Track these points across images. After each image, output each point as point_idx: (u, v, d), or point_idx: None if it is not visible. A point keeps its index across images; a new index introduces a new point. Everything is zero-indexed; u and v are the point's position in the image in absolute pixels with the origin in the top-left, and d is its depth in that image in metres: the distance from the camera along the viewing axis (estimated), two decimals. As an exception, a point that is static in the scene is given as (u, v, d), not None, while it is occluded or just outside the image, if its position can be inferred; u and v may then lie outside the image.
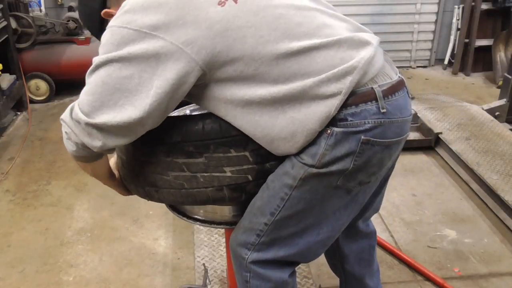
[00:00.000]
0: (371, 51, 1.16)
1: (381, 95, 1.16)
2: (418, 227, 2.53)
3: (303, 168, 1.18)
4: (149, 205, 2.71)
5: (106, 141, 1.13)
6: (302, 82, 1.12)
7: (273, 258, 1.32)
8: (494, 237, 2.45)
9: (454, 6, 4.78)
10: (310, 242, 1.30)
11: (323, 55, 1.14)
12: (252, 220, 1.30)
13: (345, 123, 1.14)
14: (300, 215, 1.26)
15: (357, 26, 1.28)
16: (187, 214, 1.49)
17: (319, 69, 1.13)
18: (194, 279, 2.16)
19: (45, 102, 4.18)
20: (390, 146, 1.22)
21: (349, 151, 1.16)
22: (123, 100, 1.10)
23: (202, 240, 2.39)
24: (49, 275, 2.24)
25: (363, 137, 1.15)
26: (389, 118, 1.18)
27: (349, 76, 1.12)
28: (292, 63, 1.13)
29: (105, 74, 1.11)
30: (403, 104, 1.23)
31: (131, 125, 1.11)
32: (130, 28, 1.10)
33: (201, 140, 1.20)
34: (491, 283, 2.16)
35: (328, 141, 1.15)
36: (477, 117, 3.42)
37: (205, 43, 1.09)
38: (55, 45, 4.12)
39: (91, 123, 1.10)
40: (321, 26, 1.17)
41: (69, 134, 1.17)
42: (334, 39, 1.15)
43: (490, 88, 4.56)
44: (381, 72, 1.21)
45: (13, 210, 2.72)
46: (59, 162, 3.22)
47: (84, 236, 2.50)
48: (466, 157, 2.92)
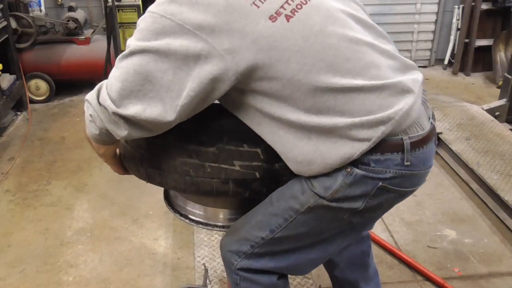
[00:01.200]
0: (411, 100, 1.13)
1: (408, 148, 1.13)
2: (418, 227, 2.53)
3: (313, 198, 1.17)
4: (149, 205, 2.71)
5: (131, 132, 1.10)
6: (335, 119, 1.09)
7: (262, 268, 1.33)
8: (494, 237, 2.45)
9: (454, 6, 4.78)
10: (300, 259, 1.32)
11: (362, 98, 1.10)
12: (249, 232, 1.29)
13: (367, 168, 1.13)
14: (300, 236, 1.26)
15: (403, 63, 1.22)
16: (187, 216, 1.48)
17: (355, 111, 1.09)
18: (194, 279, 2.16)
19: (45, 102, 4.18)
20: (405, 194, 1.22)
21: (364, 193, 1.15)
22: (153, 93, 1.05)
23: (202, 240, 2.39)
24: (49, 275, 2.24)
25: (381, 183, 1.14)
26: (411, 170, 1.16)
27: (382, 126, 1.09)
28: (329, 98, 1.09)
29: (138, 63, 1.04)
30: (429, 156, 1.21)
31: (159, 122, 1.08)
32: (173, 20, 1.03)
33: (216, 130, 1.20)
34: (491, 283, 2.16)
35: (346, 179, 1.13)
36: (477, 117, 3.42)
37: (248, 55, 1.04)
38: (55, 45, 4.12)
39: (119, 113, 1.06)
40: (369, 65, 1.12)
41: (94, 117, 1.12)
42: (377, 83, 1.11)
43: (490, 88, 4.56)
44: (416, 122, 1.17)
45: (13, 210, 2.72)
46: (59, 162, 3.22)
47: (84, 236, 2.50)
48: (466, 157, 2.92)
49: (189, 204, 1.47)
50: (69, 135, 3.60)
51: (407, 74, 1.20)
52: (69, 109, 4.09)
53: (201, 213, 1.46)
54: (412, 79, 1.18)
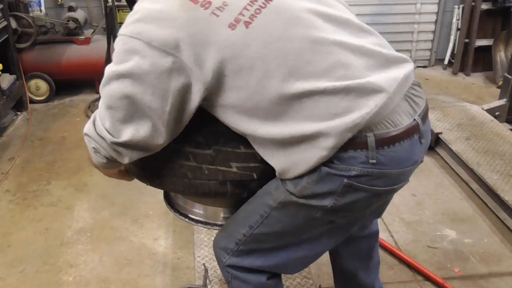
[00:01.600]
0: (382, 101, 1.08)
1: (373, 146, 1.08)
2: (418, 227, 2.53)
3: (284, 194, 1.17)
4: (149, 205, 2.71)
5: (132, 156, 1.17)
6: (302, 126, 1.08)
7: (249, 266, 1.33)
8: (494, 237, 2.45)
9: (454, 6, 4.78)
10: (287, 258, 1.31)
11: (327, 101, 1.07)
12: (233, 228, 1.31)
13: (332, 165, 1.10)
14: (278, 234, 1.26)
15: (384, 59, 1.16)
16: (187, 215, 1.48)
17: (320, 115, 1.07)
18: (194, 279, 2.16)
19: (45, 102, 4.18)
20: (379, 194, 1.16)
21: (331, 191, 1.12)
22: (139, 113, 1.10)
23: (202, 240, 2.39)
24: (49, 275, 2.24)
25: (346, 180, 1.10)
26: (380, 169, 1.11)
27: (349, 134, 1.06)
28: (295, 104, 1.07)
29: (117, 89, 1.09)
30: (405, 155, 1.14)
31: (153, 143, 1.13)
32: (140, 39, 1.06)
33: (212, 132, 1.20)
34: (491, 283, 2.16)
35: (312, 176, 1.12)
36: (477, 117, 3.42)
37: (213, 65, 1.06)
38: (55, 45, 4.12)
39: (117, 142, 1.13)
40: (334, 65, 1.09)
41: (98, 149, 1.19)
42: (341, 84, 1.07)
43: (490, 88, 4.56)
44: (387, 118, 1.11)
45: (13, 210, 2.72)
46: (59, 162, 3.22)
47: (84, 236, 2.50)
48: (466, 157, 2.92)
49: (189, 203, 1.47)
50: (69, 135, 3.60)
51: (386, 70, 1.14)
52: (69, 109, 4.09)
53: (201, 212, 1.46)
54: (388, 77, 1.12)
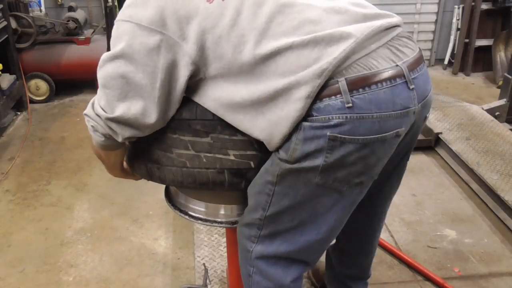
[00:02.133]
0: (349, 44, 1.09)
1: (345, 89, 1.08)
2: (418, 227, 2.53)
3: (278, 165, 1.18)
4: (149, 205, 2.71)
5: (124, 133, 1.22)
6: (276, 82, 1.11)
7: (275, 252, 1.32)
8: (494, 237, 2.45)
9: (454, 6, 4.78)
10: (310, 240, 1.30)
11: (297, 55, 1.10)
12: (250, 216, 1.32)
13: (311, 118, 1.11)
14: (291, 211, 1.26)
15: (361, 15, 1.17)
16: (187, 212, 1.48)
17: (292, 69, 1.10)
18: (194, 279, 2.16)
19: (45, 102, 4.18)
20: (369, 144, 1.14)
21: (318, 147, 1.12)
22: (132, 93, 1.17)
23: (202, 240, 2.39)
24: (49, 275, 2.24)
25: (329, 133, 1.10)
26: (358, 113, 1.09)
27: (318, 79, 1.08)
28: (270, 63, 1.12)
29: (111, 70, 1.17)
30: (386, 97, 1.12)
31: (144, 122, 1.19)
32: (132, 21, 1.16)
33: (209, 120, 1.22)
34: (491, 283, 2.16)
35: (297, 135, 1.13)
36: (477, 117, 3.42)
37: (197, 38, 1.14)
38: (55, 45, 4.12)
39: (109, 117, 1.19)
40: (303, 23, 1.13)
41: (96, 127, 1.24)
42: (310, 36, 1.10)
43: (490, 88, 4.56)
44: (358, 62, 1.11)
45: (13, 210, 2.72)
46: (59, 162, 3.22)
47: (84, 236, 2.50)
48: (466, 157, 2.92)
49: (189, 201, 1.48)
50: (69, 135, 3.61)
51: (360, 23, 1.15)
52: (69, 109, 4.09)
53: (201, 210, 1.46)
54: (361, 25, 1.13)
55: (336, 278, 1.84)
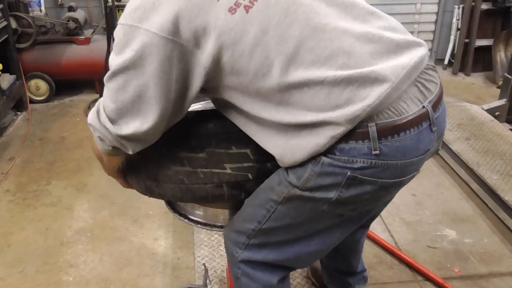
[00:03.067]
0: (385, 92, 1.03)
1: (375, 136, 1.04)
2: (418, 227, 2.53)
3: (287, 188, 1.15)
4: (149, 205, 2.71)
5: (135, 148, 1.17)
6: (302, 115, 1.06)
7: (262, 260, 1.32)
8: (494, 237, 2.45)
9: (454, 6, 4.78)
10: (300, 251, 1.30)
11: (327, 92, 1.03)
12: (242, 224, 1.30)
13: (333, 156, 1.07)
14: (288, 228, 1.24)
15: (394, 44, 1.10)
16: (187, 216, 1.48)
17: (321, 106, 1.04)
18: (194, 279, 2.16)
19: (45, 102, 4.18)
20: (387, 187, 1.12)
21: (335, 183, 1.09)
22: (145, 106, 1.09)
23: (202, 240, 2.39)
24: (49, 275, 2.24)
25: (349, 173, 1.06)
26: (384, 160, 1.06)
27: (349, 125, 1.03)
28: (295, 93, 1.05)
29: (122, 82, 1.08)
30: (411, 144, 1.08)
31: (156, 129, 1.12)
32: (141, 27, 1.04)
33: (204, 135, 1.20)
34: (491, 283, 2.16)
35: (314, 168, 1.09)
36: (477, 117, 3.42)
37: (213, 50, 1.04)
38: (55, 45, 4.12)
39: (121, 134, 1.12)
40: (336, 53, 1.04)
41: (103, 138, 1.17)
42: (344, 74, 1.03)
43: (490, 88, 4.56)
44: (390, 107, 1.06)
45: (13, 210, 2.72)
46: (59, 162, 3.22)
47: (84, 236, 2.50)
48: (466, 157, 2.92)
49: (189, 204, 1.47)
50: (69, 135, 3.60)
51: (394, 57, 1.08)
52: (69, 109, 4.09)
53: (201, 214, 1.46)
54: (395, 65, 1.06)
55: (333, 277, 1.84)
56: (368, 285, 2.03)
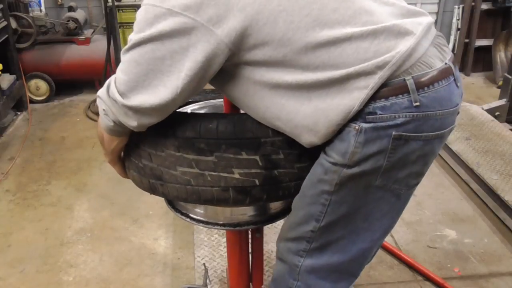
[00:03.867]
0: (411, 42, 1.08)
1: (413, 88, 1.08)
2: (418, 227, 2.53)
3: (336, 173, 1.14)
4: (149, 205, 2.71)
5: (141, 121, 1.16)
6: (331, 73, 1.07)
7: (327, 264, 1.27)
8: (494, 237, 2.45)
9: (454, 6, 4.78)
10: (363, 248, 1.27)
11: (355, 47, 1.07)
12: (299, 229, 1.26)
13: (374, 117, 1.08)
14: (346, 218, 1.22)
15: (406, 9, 1.18)
16: (188, 214, 1.48)
17: (349, 62, 1.07)
18: (194, 279, 2.17)
19: (45, 102, 4.18)
20: (430, 141, 1.15)
21: (381, 148, 1.10)
22: (157, 81, 1.11)
23: (202, 240, 2.39)
24: (49, 275, 2.24)
25: (394, 132, 1.08)
26: (424, 111, 1.10)
27: (380, 71, 1.06)
28: (322, 53, 1.07)
29: (138, 55, 1.10)
30: (445, 95, 1.13)
31: (164, 106, 1.13)
32: (163, 7, 1.07)
33: (214, 139, 1.19)
34: (491, 283, 2.16)
35: (357, 138, 1.09)
36: (477, 117, 3.42)
37: (236, 25, 1.06)
38: (55, 45, 4.12)
39: (127, 105, 1.12)
40: (359, 12, 1.09)
41: (107, 111, 1.19)
42: (369, 29, 1.07)
43: (490, 88, 4.57)
44: (421, 61, 1.11)
45: (13, 210, 2.72)
46: (59, 162, 3.22)
47: (84, 236, 2.50)
48: (466, 157, 2.92)
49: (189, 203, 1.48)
50: (69, 135, 3.61)
51: (408, 18, 1.15)
52: (69, 109, 4.09)
53: (201, 212, 1.46)
54: (413, 21, 1.13)
55: None
56: (368, 285, 2.04)
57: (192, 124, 1.20)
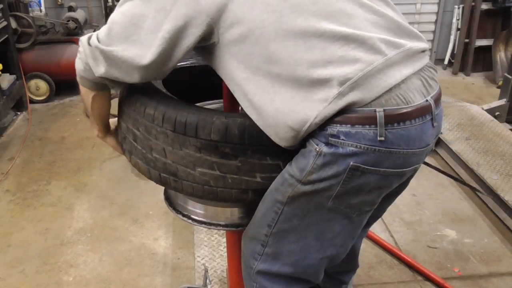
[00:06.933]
0: (378, 63, 1.04)
1: (382, 121, 1.04)
2: (418, 227, 2.53)
3: (291, 187, 1.14)
4: (149, 205, 2.71)
5: (108, 70, 1.16)
6: (295, 69, 1.05)
7: (278, 272, 1.30)
8: (494, 237, 2.45)
9: (454, 6, 4.78)
10: (314, 264, 1.28)
11: (323, 47, 1.04)
12: (255, 230, 1.30)
13: (336, 141, 1.06)
14: (297, 231, 1.23)
15: (396, 25, 1.13)
16: (189, 216, 1.48)
17: (313, 60, 1.04)
18: (194, 279, 2.16)
19: (45, 102, 4.18)
20: (388, 177, 1.12)
21: (336, 174, 1.08)
22: (135, 36, 1.12)
23: (202, 240, 2.39)
24: (49, 275, 2.24)
25: (352, 162, 1.06)
26: (388, 148, 1.06)
27: (339, 87, 1.03)
28: (290, 44, 1.05)
29: (127, 8, 1.14)
30: (415, 134, 1.09)
31: (135, 64, 1.13)
32: None
33: (240, 144, 1.17)
34: (491, 283, 2.16)
35: (316, 160, 1.09)
36: (477, 117, 3.42)
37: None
38: (55, 45, 4.12)
39: (100, 47, 1.14)
40: (338, 12, 1.07)
41: (81, 52, 1.21)
42: (343, 31, 1.04)
43: (490, 88, 4.57)
44: (398, 94, 1.07)
45: (13, 210, 2.72)
46: (59, 162, 3.22)
47: (84, 236, 2.50)
48: (466, 157, 2.92)
49: (190, 203, 1.47)
50: (69, 135, 3.61)
51: (393, 35, 1.11)
52: (69, 109, 4.09)
53: (201, 212, 1.46)
54: (393, 42, 1.09)
55: (330, 278, 1.83)
56: (368, 285, 2.04)
57: (218, 127, 1.16)
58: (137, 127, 1.27)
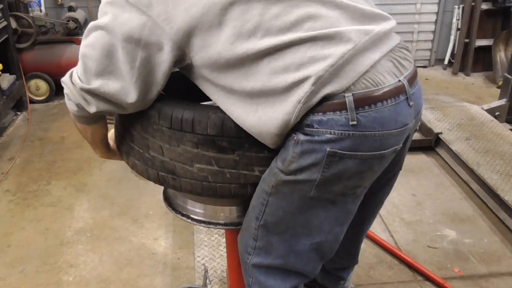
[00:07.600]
0: (347, 52, 1.06)
1: (352, 106, 1.05)
2: (418, 227, 2.53)
3: (274, 176, 1.16)
4: (149, 205, 2.71)
5: (100, 106, 1.18)
6: (271, 80, 1.07)
7: (272, 265, 1.31)
8: (494, 237, 2.45)
9: (454, 6, 4.79)
10: (305, 252, 1.29)
11: (293, 52, 1.06)
12: (247, 223, 1.31)
13: (311, 130, 1.08)
14: (284, 222, 1.24)
15: (360, 13, 1.14)
16: (188, 215, 1.48)
17: (286, 66, 1.06)
18: (194, 279, 2.16)
19: (45, 102, 4.18)
20: (367, 160, 1.12)
21: (316, 162, 1.10)
22: (111, 67, 1.13)
23: (202, 240, 2.39)
24: (49, 275, 2.24)
25: (328, 148, 1.07)
26: (361, 131, 1.07)
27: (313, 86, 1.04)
28: (264, 60, 1.08)
29: (93, 39, 1.14)
30: (389, 115, 1.10)
31: (121, 99, 1.15)
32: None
33: (237, 137, 1.17)
34: (491, 283, 2.16)
35: (295, 149, 1.10)
36: (477, 117, 3.42)
37: (182, 25, 1.09)
38: (55, 45, 4.12)
39: (84, 87, 1.16)
40: (302, 18, 1.08)
41: (69, 95, 1.24)
42: (309, 35, 1.06)
43: (490, 88, 4.57)
44: (366, 77, 1.08)
45: (13, 210, 2.72)
46: (59, 162, 3.22)
47: (84, 236, 2.50)
48: (466, 157, 2.92)
49: (189, 203, 1.47)
50: (69, 135, 3.60)
51: (357, 24, 1.12)
52: (69, 109, 4.09)
53: (201, 212, 1.46)
54: (359, 29, 1.10)
55: (328, 274, 1.84)
56: (368, 285, 2.04)
57: (215, 121, 1.17)
58: (134, 127, 1.27)
